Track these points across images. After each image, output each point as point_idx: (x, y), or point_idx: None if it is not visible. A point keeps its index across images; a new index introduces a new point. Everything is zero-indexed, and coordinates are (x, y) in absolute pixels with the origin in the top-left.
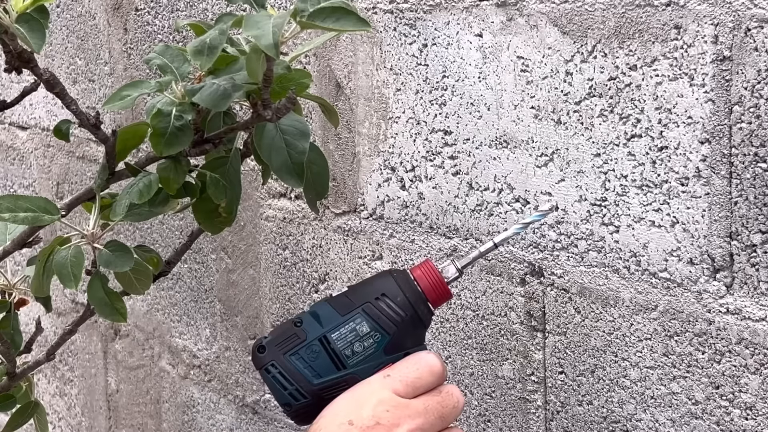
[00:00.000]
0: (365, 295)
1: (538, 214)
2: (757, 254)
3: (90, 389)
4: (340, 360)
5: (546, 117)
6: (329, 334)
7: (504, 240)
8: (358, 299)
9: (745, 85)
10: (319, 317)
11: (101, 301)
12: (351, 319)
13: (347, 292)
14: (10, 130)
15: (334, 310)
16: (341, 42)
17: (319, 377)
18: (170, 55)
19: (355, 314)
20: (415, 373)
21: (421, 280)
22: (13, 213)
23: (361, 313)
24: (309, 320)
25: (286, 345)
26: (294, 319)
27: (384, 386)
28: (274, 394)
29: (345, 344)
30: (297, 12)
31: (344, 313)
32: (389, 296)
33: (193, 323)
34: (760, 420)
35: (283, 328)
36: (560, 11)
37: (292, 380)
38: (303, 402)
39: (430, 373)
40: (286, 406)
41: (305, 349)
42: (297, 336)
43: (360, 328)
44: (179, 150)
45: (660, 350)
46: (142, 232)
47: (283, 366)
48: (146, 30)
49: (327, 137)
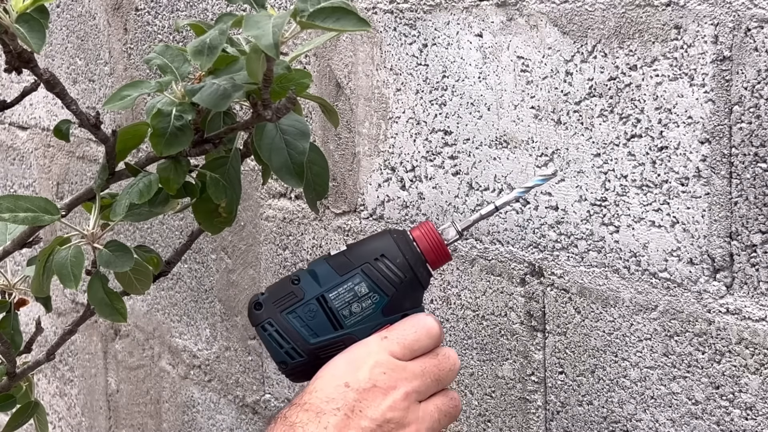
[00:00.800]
0: (364, 256)
1: (540, 178)
2: (757, 254)
3: (90, 389)
4: (338, 320)
5: (546, 117)
6: (327, 293)
7: (505, 203)
8: (357, 259)
9: (745, 85)
10: (318, 276)
11: (101, 301)
12: (349, 279)
13: (346, 252)
14: (10, 130)
15: (333, 269)
16: (341, 42)
17: (316, 336)
18: (170, 55)
19: (354, 274)
20: (413, 335)
21: (420, 241)
22: (13, 213)
23: (360, 274)
24: (307, 278)
25: (283, 303)
26: (292, 277)
27: (381, 348)
28: (270, 351)
29: (343, 304)
30: (297, 12)
31: (343, 273)
32: (389, 257)
33: (193, 323)
34: (760, 420)
35: (280, 285)
36: (560, 11)
37: (289, 339)
38: (299, 360)
39: (427, 335)
40: (281, 364)
41: (303, 307)
42: (294, 294)
43: (358, 289)
44: (179, 150)
45: (660, 350)
46: (142, 232)
47: (280, 324)
48: (146, 30)
49: (327, 137)
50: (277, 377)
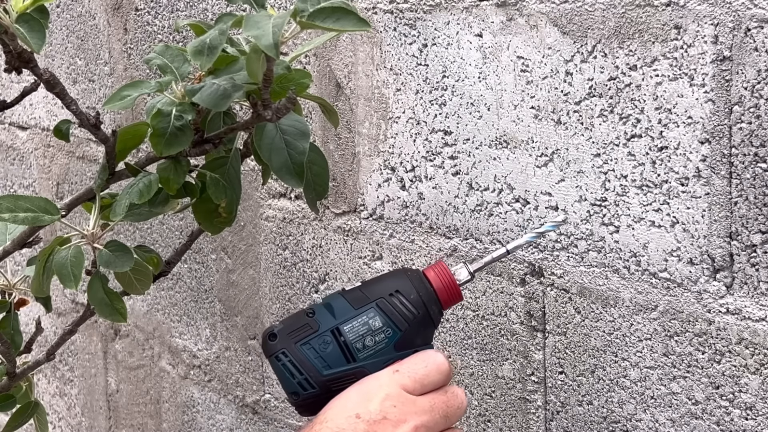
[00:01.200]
0: (379, 291)
1: (552, 224)
2: (757, 254)
3: (90, 389)
4: (351, 353)
5: (546, 117)
6: (342, 326)
7: (517, 247)
8: (372, 294)
9: (745, 85)
10: (333, 309)
11: (101, 301)
12: (364, 313)
13: (361, 287)
14: (10, 130)
15: (348, 303)
16: (341, 42)
17: (329, 368)
18: (170, 55)
19: (369, 308)
20: (423, 370)
21: (434, 280)
22: (13, 213)
23: (374, 308)
24: (322, 311)
25: (297, 334)
26: (306, 310)
27: (392, 381)
28: (282, 382)
29: (357, 337)
30: (297, 12)
31: (358, 307)
32: (403, 293)
33: (193, 323)
34: (760, 420)
35: (295, 317)
36: (560, 11)
37: (302, 369)
38: (311, 392)
39: (437, 371)
40: (293, 395)
41: (317, 339)
42: (309, 326)
43: (373, 323)
44: (179, 150)
45: (660, 350)
46: (142, 232)
47: (294, 355)
48: (146, 30)
49: (327, 137)
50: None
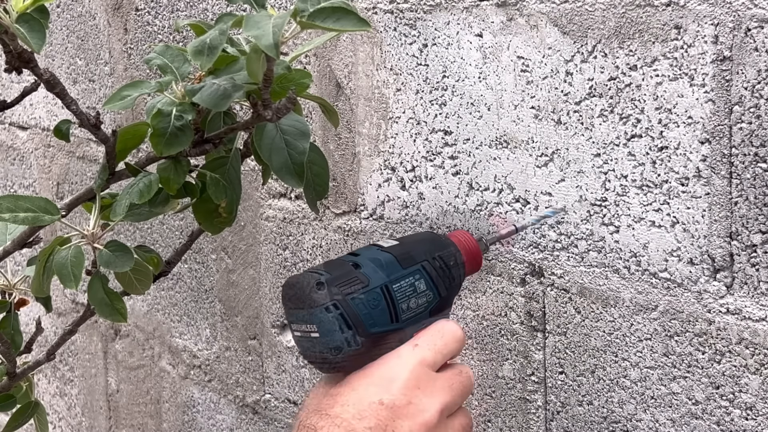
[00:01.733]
0: (423, 253)
1: (551, 210)
2: (757, 254)
3: (90, 389)
4: (396, 313)
5: (546, 117)
6: (391, 284)
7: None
8: (417, 255)
9: (745, 85)
10: (381, 264)
11: (101, 301)
12: (411, 274)
13: (401, 246)
14: (10, 130)
15: (396, 260)
16: (341, 42)
17: (375, 326)
18: (170, 55)
19: (415, 269)
20: (441, 341)
21: (462, 248)
22: (13, 213)
23: (420, 270)
24: (368, 265)
25: (347, 286)
26: (349, 260)
27: (414, 357)
28: (327, 335)
29: (403, 297)
30: (297, 12)
31: (406, 266)
32: (444, 259)
33: (193, 323)
34: (760, 420)
35: (339, 267)
36: (560, 11)
37: (352, 324)
38: (354, 349)
39: (454, 339)
40: (335, 350)
41: (367, 294)
42: (359, 279)
43: (418, 285)
44: (179, 150)
45: (660, 350)
46: (142, 232)
47: (346, 308)
48: (146, 30)
49: (327, 137)
50: (277, 377)
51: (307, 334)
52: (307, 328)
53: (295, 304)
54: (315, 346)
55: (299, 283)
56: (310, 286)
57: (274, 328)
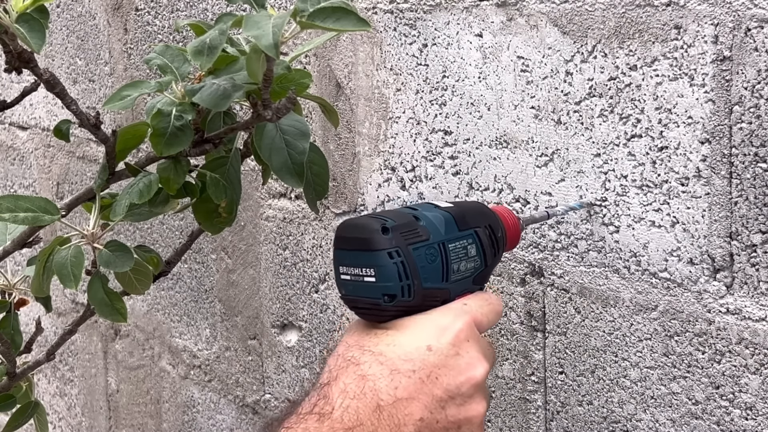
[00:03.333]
0: (476, 219)
1: (578, 203)
2: (757, 254)
3: (90, 389)
4: (447, 272)
5: (546, 117)
6: (449, 243)
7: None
8: (471, 220)
9: (745, 85)
10: (441, 222)
11: (101, 301)
12: (465, 237)
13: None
14: (11, 130)
15: (455, 221)
16: (341, 42)
17: (428, 281)
18: (170, 55)
19: (469, 234)
20: (489, 307)
21: (505, 222)
22: (13, 213)
23: (473, 235)
24: (428, 220)
25: (410, 237)
26: (411, 212)
27: (466, 313)
28: (384, 280)
29: (456, 258)
30: (297, 12)
31: (462, 229)
32: (493, 228)
33: (193, 323)
34: (760, 420)
35: (403, 217)
36: (560, 11)
37: (411, 274)
38: (406, 300)
39: (497, 311)
40: (389, 297)
41: (427, 248)
42: (420, 232)
43: (470, 249)
44: (179, 150)
45: (660, 350)
46: (142, 232)
47: (407, 257)
48: (146, 30)
49: (327, 137)
50: (277, 377)
51: (359, 278)
52: (362, 271)
53: (353, 245)
54: (367, 290)
55: (362, 224)
56: (375, 228)
57: (274, 328)
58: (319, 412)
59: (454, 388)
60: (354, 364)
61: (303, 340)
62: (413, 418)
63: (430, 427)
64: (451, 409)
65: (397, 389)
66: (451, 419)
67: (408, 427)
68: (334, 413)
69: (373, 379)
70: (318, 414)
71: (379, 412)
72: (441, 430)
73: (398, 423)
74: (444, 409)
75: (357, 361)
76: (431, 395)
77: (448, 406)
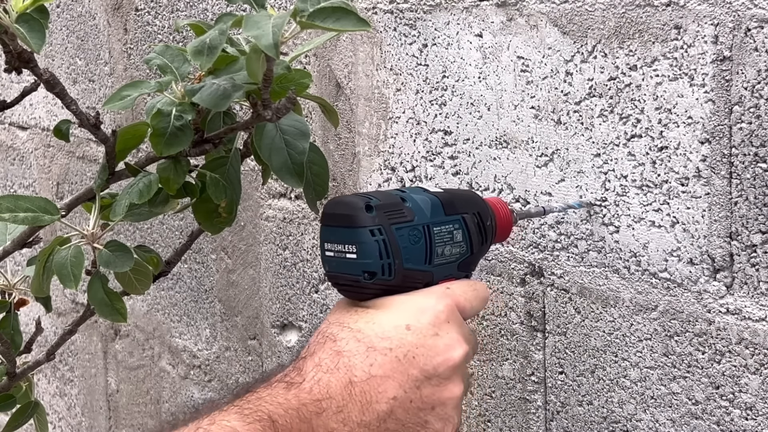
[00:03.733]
0: (464, 206)
1: (578, 202)
2: (757, 254)
3: (90, 389)
4: (431, 255)
5: (546, 117)
6: (433, 226)
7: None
8: (459, 206)
9: (745, 85)
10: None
11: (101, 301)
12: (451, 222)
13: (445, 193)
14: (10, 130)
15: (441, 205)
16: (341, 42)
17: (409, 262)
18: (170, 55)
19: (456, 219)
20: (473, 293)
21: (496, 213)
22: (13, 213)
23: (460, 220)
24: (414, 202)
25: (394, 217)
26: (397, 193)
27: (447, 296)
28: (365, 257)
29: (440, 242)
30: (297, 12)
31: (448, 213)
32: (482, 216)
33: (193, 323)
34: (760, 420)
35: (388, 196)
36: (560, 11)
37: (392, 253)
38: (386, 279)
39: (482, 298)
40: (369, 274)
41: (410, 229)
42: (404, 213)
43: (456, 234)
44: (179, 150)
45: (660, 350)
46: (142, 232)
47: (389, 236)
48: (146, 30)
49: (327, 137)
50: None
51: (342, 254)
52: (344, 248)
53: (338, 221)
54: (348, 267)
55: (347, 201)
56: (359, 206)
57: (274, 328)
58: (290, 381)
59: (431, 368)
60: (331, 340)
61: (303, 341)
62: (386, 396)
63: (403, 406)
64: (426, 390)
65: (372, 366)
66: (425, 399)
67: (380, 405)
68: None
69: (348, 355)
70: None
71: (351, 388)
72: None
73: (370, 400)
74: (419, 389)
75: (335, 337)
76: (407, 374)
77: (424, 387)
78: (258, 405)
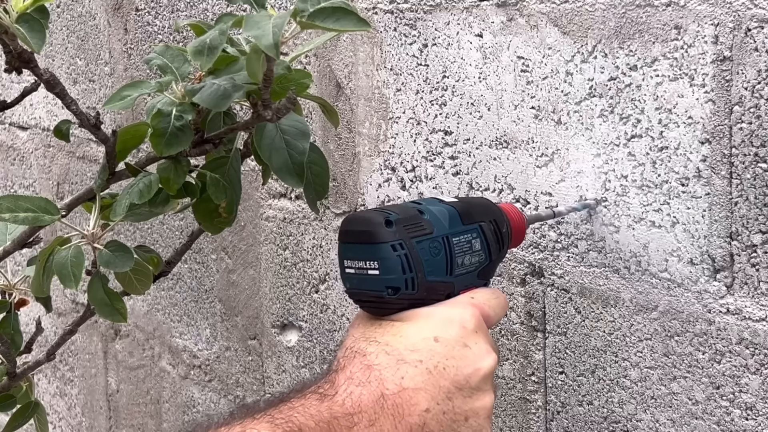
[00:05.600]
0: (480, 214)
1: (581, 203)
2: (757, 254)
3: (90, 389)
4: (451, 266)
5: (546, 117)
6: (452, 237)
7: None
8: (475, 214)
9: (745, 86)
10: (444, 216)
11: (101, 301)
12: (469, 231)
13: (460, 203)
14: (11, 130)
15: (459, 215)
16: (341, 42)
17: (432, 275)
18: (170, 55)
19: (474, 228)
20: (496, 301)
21: (510, 218)
22: (13, 213)
23: (477, 229)
24: (432, 214)
25: (414, 230)
26: (415, 206)
27: (473, 305)
28: (388, 273)
29: (460, 252)
30: (297, 12)
31: (466, 223)
32: (498, 224)
33: (193, 323)
34: (760, 420)
35: (406, 210)
36: (560, 11)
37: (414, 267)
38: (410, 293)
39: (502, 306)
40: (392, 290)
41: (430, 242)
42: (423, 226)
43: (474, 243)
44: (179, 150)
45: (660, 350)
46: (142, 232)
47: (411, 250)
48: (146, 30)
49: (327, 137)
50: (277, 377)
51: (363, 271)
52: (366, 264)
53: (357, 238)
54: (371, 283)
55: (366, 217)
56: (379, 221)
57: (274, 328)
58: (323, 393)
59: (462, 379)
60: (361, 354)
61: (303, 341)
62: (419, 409)
63: (436, 418)
64: (458, 401)
65: (404, 379)
66: (458, 411)
67: (413, 417)
68: (336, 397)
69: (379, 369)
70: (321, 395)
71: (383, 401)
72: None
73: (402, 413)
74: (451, 401)
75: (363, 351)
76: (438, 386)
77: (455, 398)
78: (290, 415)
